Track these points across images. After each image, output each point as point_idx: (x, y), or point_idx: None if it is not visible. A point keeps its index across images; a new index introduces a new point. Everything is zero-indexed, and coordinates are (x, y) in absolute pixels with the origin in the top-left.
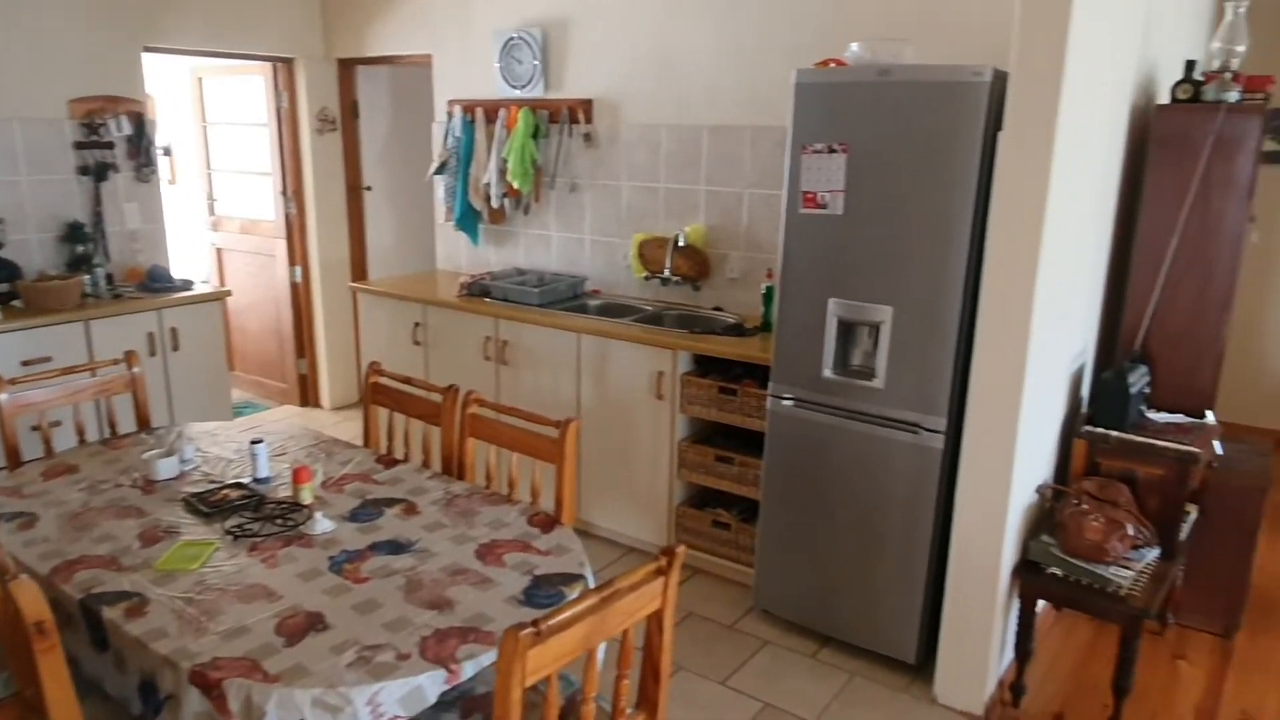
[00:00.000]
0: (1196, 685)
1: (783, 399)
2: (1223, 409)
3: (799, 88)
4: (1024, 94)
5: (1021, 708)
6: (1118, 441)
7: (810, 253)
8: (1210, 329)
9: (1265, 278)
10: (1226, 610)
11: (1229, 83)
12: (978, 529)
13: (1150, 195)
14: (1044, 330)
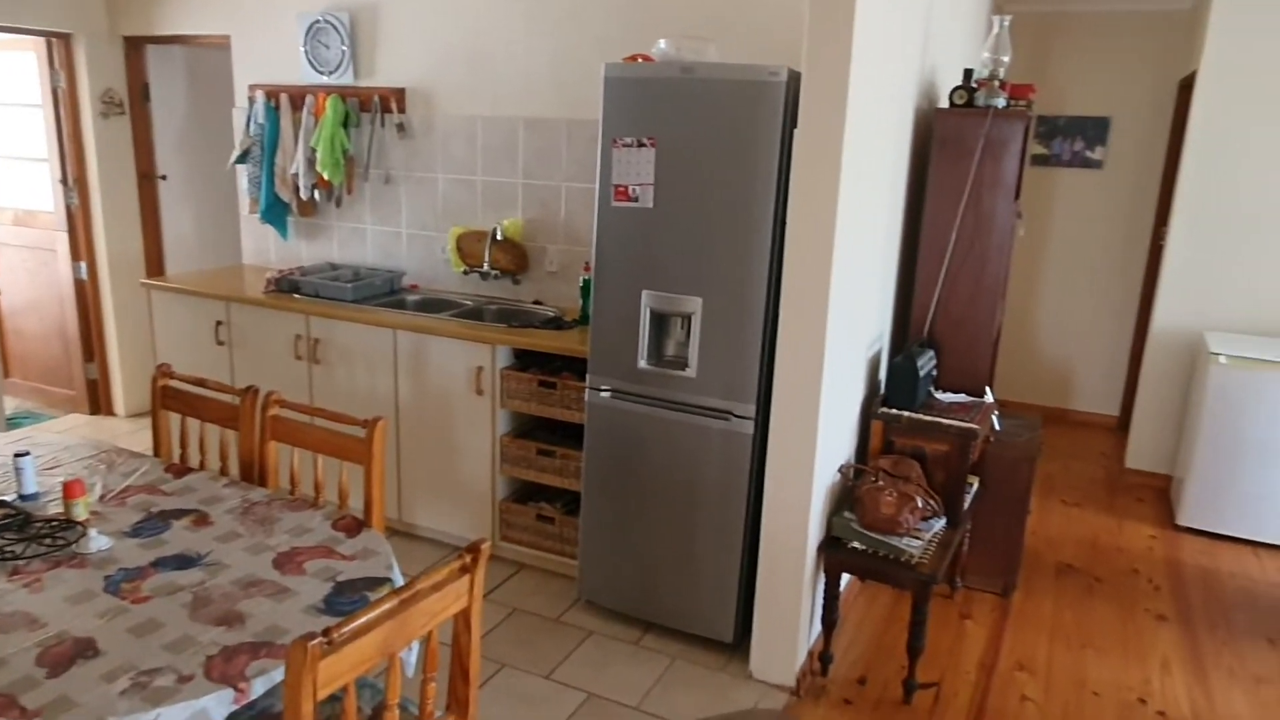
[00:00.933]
0: (980, 642)
1: (600, 391)
2: (999, 387)
3: (608, 81)
4: (815, 94)
5: (829, 676)
6: (909, 421)
7: (623, 245)
8: (987, 315)
9: (1032, 268)
10: (1004, 571)
11: (997, 90)
12: (786, 510)
13: (932, 192)
14: (840, 318)
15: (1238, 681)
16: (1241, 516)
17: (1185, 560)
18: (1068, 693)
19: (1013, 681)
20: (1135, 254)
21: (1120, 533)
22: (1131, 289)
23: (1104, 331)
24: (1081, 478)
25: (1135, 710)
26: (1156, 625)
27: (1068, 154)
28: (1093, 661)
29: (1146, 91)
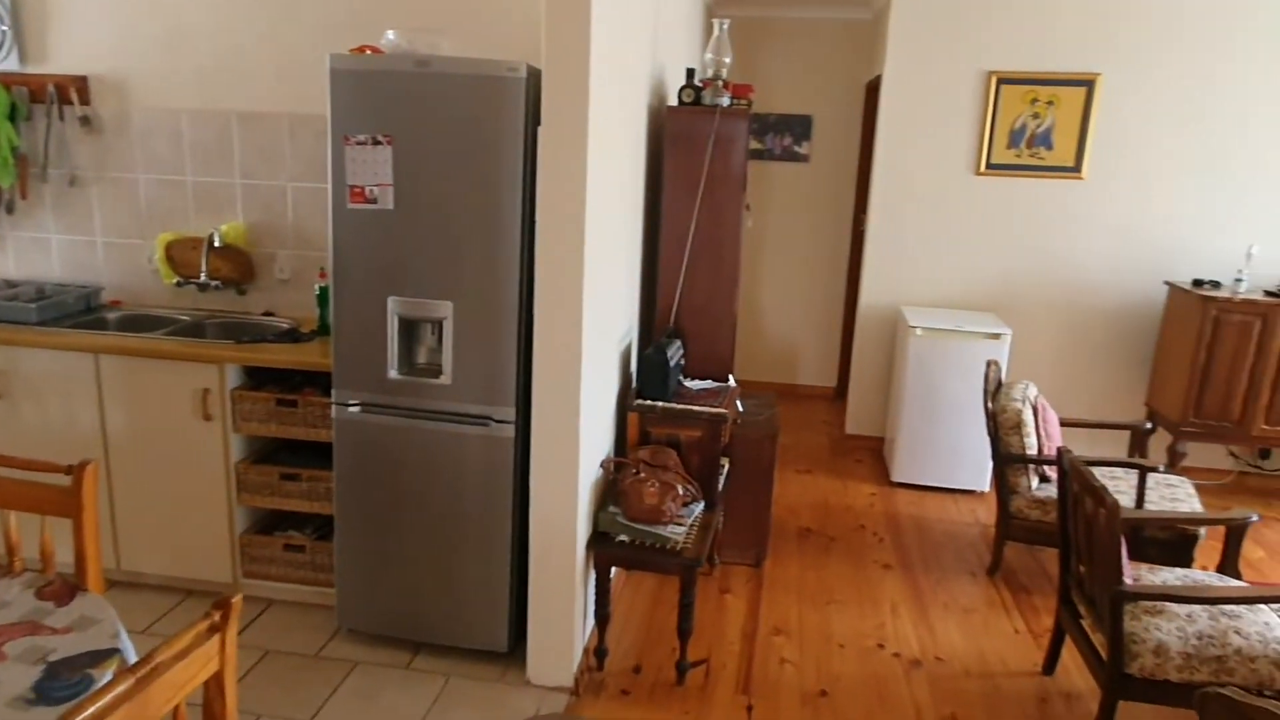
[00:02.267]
0: (740, 613)
1: (348, 406)
2: (740, 371)
3: (335, 74)
4: (557, 91)
5: (605, 670)
6: (663, 410)
7: (364, 249)
8: (725, 303)
9: (759, 256)
10: (756, 543)
11: (721, 89)
12: (553, 510)
13: (668, 187)
14: (595, 315)
15: (952, 614)
16: (942, 468)
17: (901, 512)
18: (819, 649)
19: (772, 646)
20: (841, 239)
21: (846, 493)
22: (840, 271)
23: (819, 311)
24: (810, 446)
25: (875, 655)
26: (883, 574)
27: (779, 149)
28: (836, 616)
29: (841, 92)
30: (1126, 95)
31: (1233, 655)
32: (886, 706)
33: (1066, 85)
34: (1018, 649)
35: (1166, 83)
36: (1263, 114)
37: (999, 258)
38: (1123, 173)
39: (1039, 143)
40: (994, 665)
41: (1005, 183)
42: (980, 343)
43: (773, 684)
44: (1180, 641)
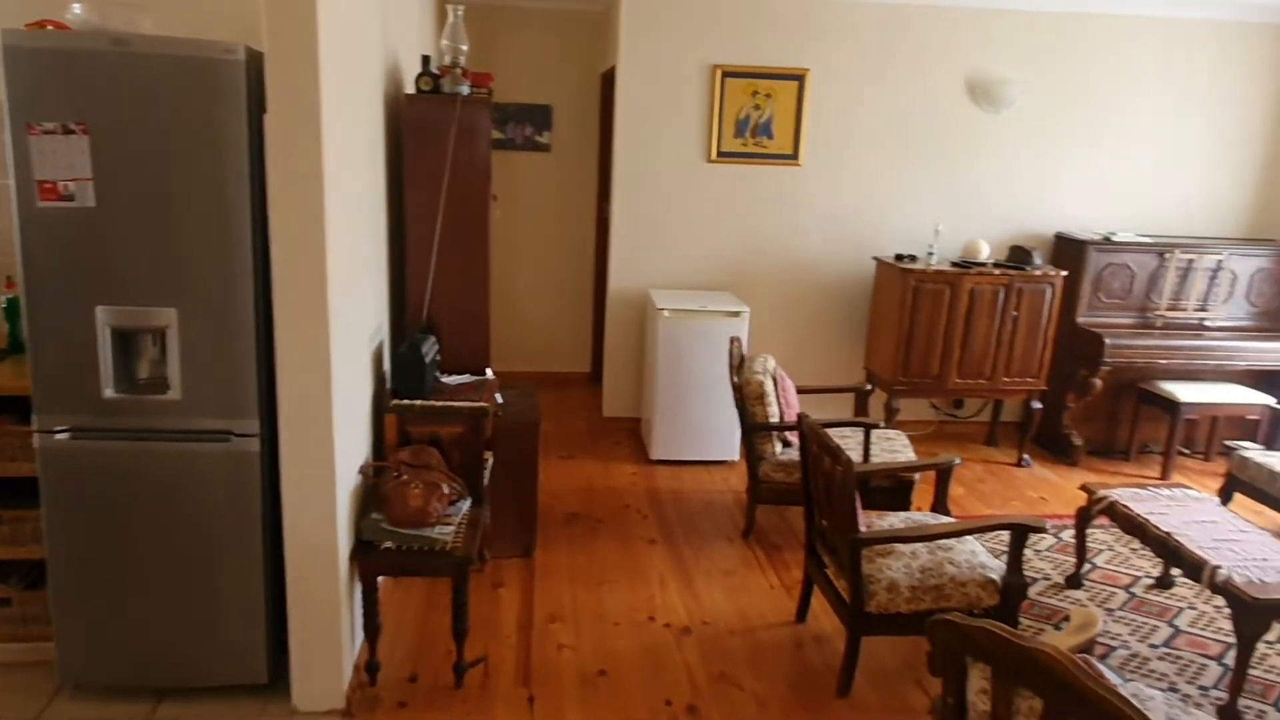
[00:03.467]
0: (514, 606)
1: (55, 433)
2: (498, 362)
3: (10, 52)
4: (283, 75)
5: (379, 684)
6: (421, 409)
7: (61, 253)
8: (477, 295)
9: (509, 247)
10: (524, 534)
11: (460, 77)
12: (310, 524)
13: (411, 179)
14: (342, 313)
15: (714, 578)
16: (696, 443)
17: (661, 488)
18: (595, 630)
19: (549, 634)
20: (587, 227)
21: (609, 475)
22: (588, 257)
23: (571, 297)
24: (570, 432)
25: (647, 628)
26: (650, 549)
27: (520, 138)
28: (609, 596)
29: (578, 82)
30: (831, 89)
31: (949, 583)
32: (662, 675)
33: (781, 79)
34: (774, 603)
35: (862, 77)
36: (942, 106)
37: (733, 240)
38: (832, 160)
39: (761, 132)
40: (754, 620)
41: (735, 170)
42: (722, 321)
43: (552, 671)
44: (908, 577)
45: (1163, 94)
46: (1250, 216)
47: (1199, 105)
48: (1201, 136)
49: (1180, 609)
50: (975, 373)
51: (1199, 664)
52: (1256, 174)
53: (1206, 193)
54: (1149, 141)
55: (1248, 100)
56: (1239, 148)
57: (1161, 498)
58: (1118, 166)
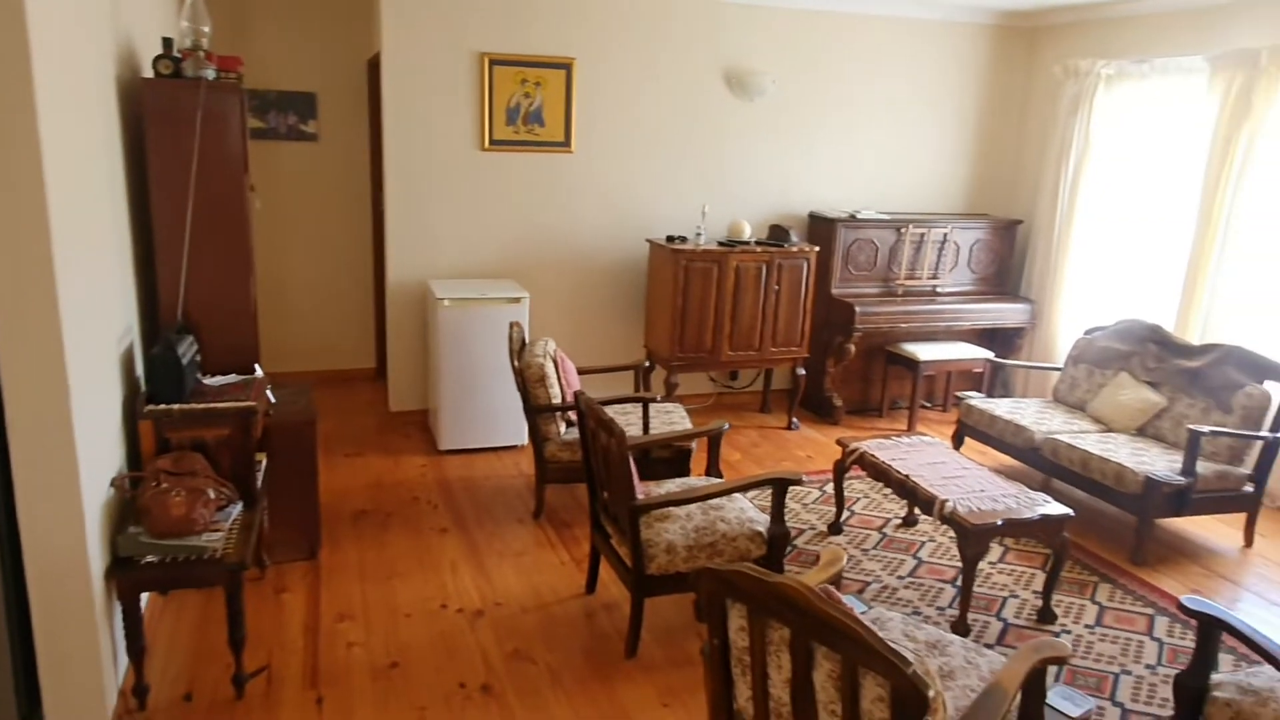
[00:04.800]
0: (299, 610)
1: None
2: (268, 362)
3: None
4: None
5: (149, 707)
6: (180, 413)
7: None
8: (240, 291)
9: (278, 241)
10: (307, 536)
11: (204, 60)
12: (54, 545)
13: (156, 169)
14: (77, 317)
15: (506, 560)
16: (484, 430)
17: (451, 477)
18: (386, 624)
19: (337, 634)
20: (363, 218)
21: (398, 469)
22: (366, 250)
23: (350, 292)
24: (356, 429)
25: (440, 615)
26: (441, 538)
27: (284, 127)
28: (400, 588)
29: (344, 68)
30: (598, 77)
31: (721, 539)
32: (456, 659)
33: (549, 68)
34: (565, 577)
35: (628, 66)
36: (703, 94)
37: (511, 227)
38: (604, 146)
39: (533, 120)
40: (546, 596)
41: (509, 157)
42: (503, 307)
43: (342, 670)
44: (684, 537)
45: (896, 86)
46: (968, 194)
47: (924, 96)
48: (927, 124)
49: (923, 543)
50: (745, 344)
51: (938, 588)
52: (971, 157)
53: (933, 174)
54: (886, 128)
55: (961, 91)
56: (956, 134)
57: (902, 445)
58: (861, 151)
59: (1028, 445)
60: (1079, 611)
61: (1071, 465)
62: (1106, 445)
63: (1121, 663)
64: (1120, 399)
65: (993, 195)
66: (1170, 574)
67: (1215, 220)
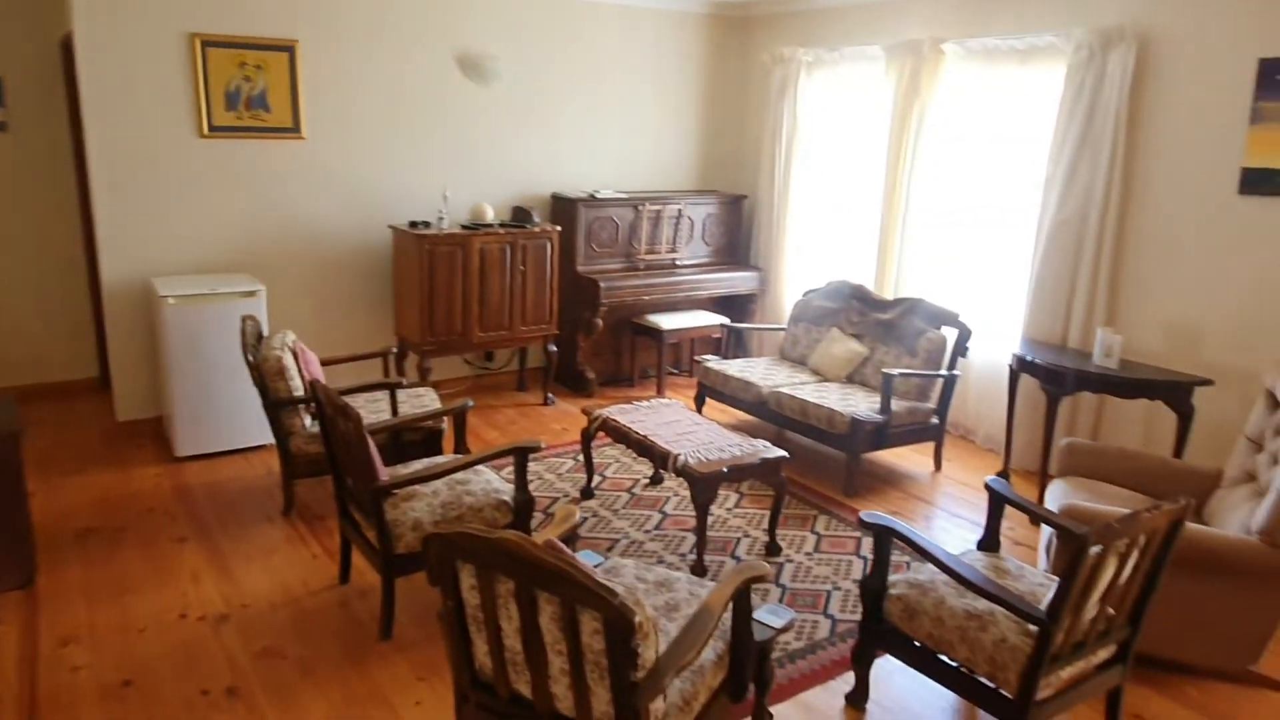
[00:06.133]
0: (13, 642)
1: None
2: None
3: None
4: None
5: None
6: None
7: None
8: None
9: None
10: (19, 563)
11: None
12: None
13: None
14: None
15: (254, 561)
16: (226, 432)
17: (192, 484)
18: (117, 643)
19: (60, 660)
20: (69, 214)
21: (129, 481)
22: (76, 248)
23: (60, 295)
24: (77, 443)
25: (179, 625)
26: (180, 548)
27: None
28: (133, 604)
29: (34, 50)
30: (325, 61)
31: (468, 512)
32: (198, 667)
33: (270, 50)
34: (318, 570)
35: (356, 49)
36: (437, 78)
37: (242, 218)
38: (337, 132)
39: (256, 105)
40: (298, 592)
41: (232, 144)
42: (236, 302)
43: (65, 696)
44: (430, 514)
45: (627, 71)
46: (699, 172)
47: (654, 80)
48: (659, 107)
49: (668, 498)
50: (495, 325)
51: (680, 538)
52: (699, 137)
53: (664, 153)
54: (622, 111)
55: (687, 76)
56: (685, 116)
57: (641, 409)
58: (600, 133)
59: (757, 400)
60: (801, 542)
61: (793, 414)
62: (820, 393)
63: (834, 580)
64: (832, 351)
65: (721, 173)
66: (876, 501)
67: (898, 189)
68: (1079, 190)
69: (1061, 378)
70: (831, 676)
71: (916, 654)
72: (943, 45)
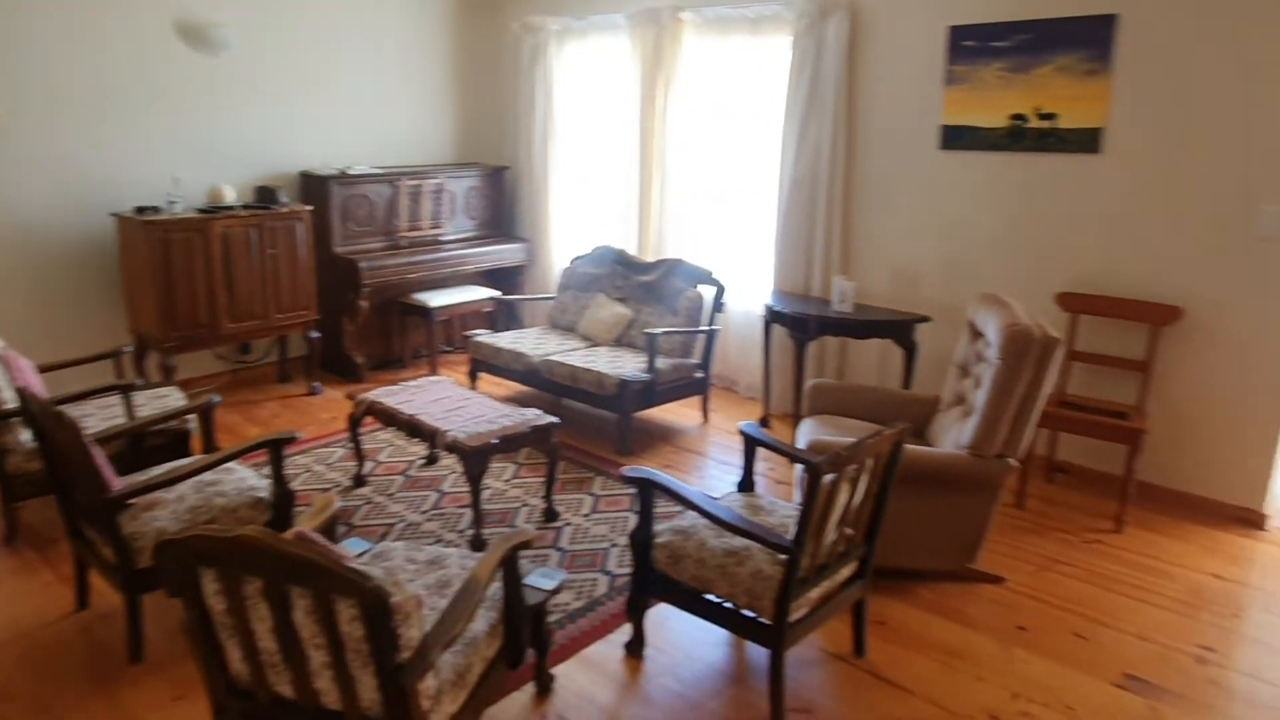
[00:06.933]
0: None
1: None
2: None
3: None
4: None
5: None
6: None
7: None
8: None
9: None
10: None
11: None
12: None
13: None
14: None
15: None
16: None
17: None
18: None
19: None
20: None
21: None
22: None
23: None
24: None
25: None
26: None
27: None
28: None
29: None
30: (14, 26)
31: (220, 514)
32: None
33: None
34: (53, 599)
35: (52, 16)
36: (157, 51)
37: None
38: (41, 115)
39: None
40: (29, 625)
41: None
42: None
43: None
44: (176, 521)
45: (373, 41)
46: (458, 144)
47: (403, 51)
48: (410, 78)
49: (445, 476)
50: (247, 314)
51: (459, 514)
52: (456, 108)
53: (421, 127)
54: (371, 83)
55: (437, 45)
56: (439, 87)
57: (410, 389)
58: (350, 107)
59: (529, 369)
60: (578, 504)
61: (565, 380)
62: (589, 358)
63: (611, 538)
64: (599, 316)
65: (480, 144)
66: (650, 457)
67: (653, 155)
68: (809, 150)
69: (806, 324)
70: (611, 630)
71: (685, 596)
72: (681, 14)
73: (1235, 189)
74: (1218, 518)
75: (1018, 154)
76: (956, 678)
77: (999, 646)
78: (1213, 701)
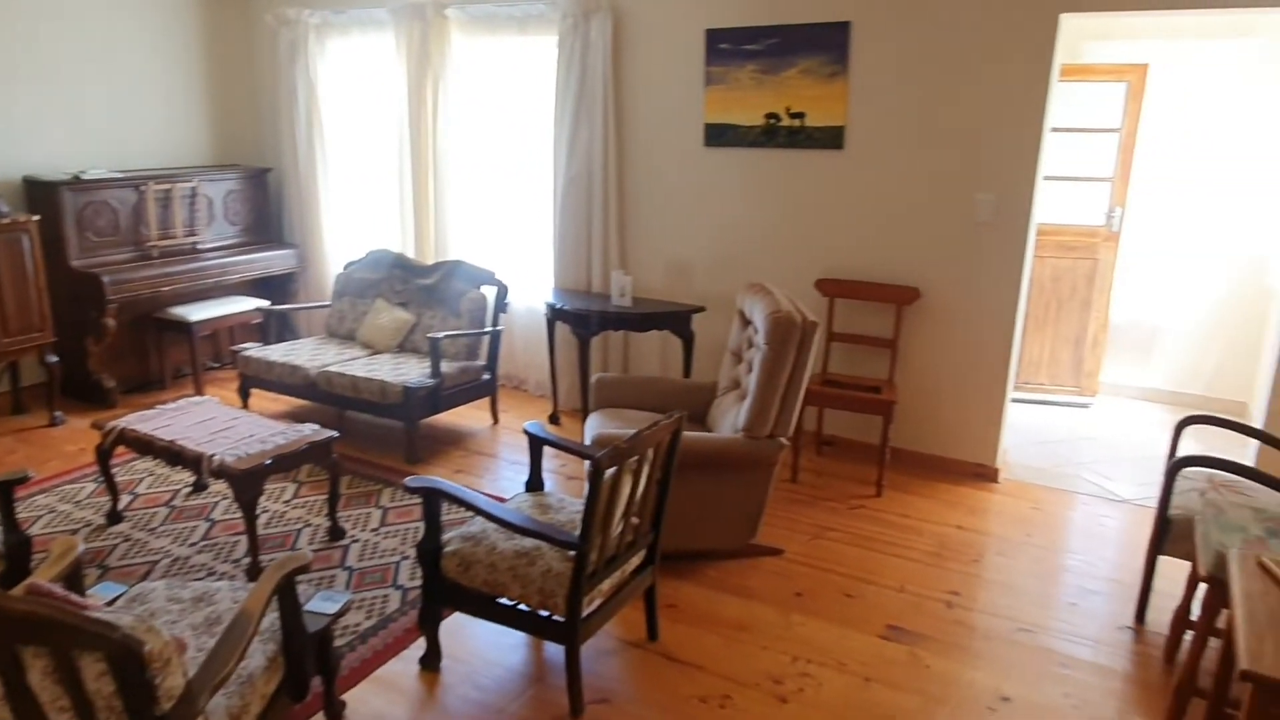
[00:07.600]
0: None
1: None
2: None
3: None
4: None
5: None
6: None
7: None
8: None
9: None
10: None
11: None
12: None
13: None
14: None
15: None
16: None
17: None
18: None
19: None
20: None
21: None
22: None
23: None
24: None
25: None
26: None
27: None
28: None
29: None
30: None
31: None
32: None
33: None
34: None
35: None
36: None
37: None
38: None
39: None
40: None
41: None
42: None
43: None
44: None
45: (107, 30)
46: (213, 145)
47: (142, 45)
48: (153, 74)
49: (216, 503)
50: None
51: (233, 543)
52: (208, 106)
53: (171, 126)
54: (104, 78)
55: (182, 39)
56: (187, 83)
57: (167, 412)
58: (78, 104)
59: (306, 382)
60: (366, 519)
61: (346, 391)
62: (371, 366)
63: (402, 551)
64: (379, 322)
65: (239, 145)
66: (440, 463)
67: (426, 155)
68: (582, 149)
69: (587, 320)
70: (405, 646)
71: (478, 603)
72: (445, 11)
73: (957, 181)
74: (959, 475)
75: (774, 150)
76: (743, 649)
77: (779, 614)
78: (959, 640)
